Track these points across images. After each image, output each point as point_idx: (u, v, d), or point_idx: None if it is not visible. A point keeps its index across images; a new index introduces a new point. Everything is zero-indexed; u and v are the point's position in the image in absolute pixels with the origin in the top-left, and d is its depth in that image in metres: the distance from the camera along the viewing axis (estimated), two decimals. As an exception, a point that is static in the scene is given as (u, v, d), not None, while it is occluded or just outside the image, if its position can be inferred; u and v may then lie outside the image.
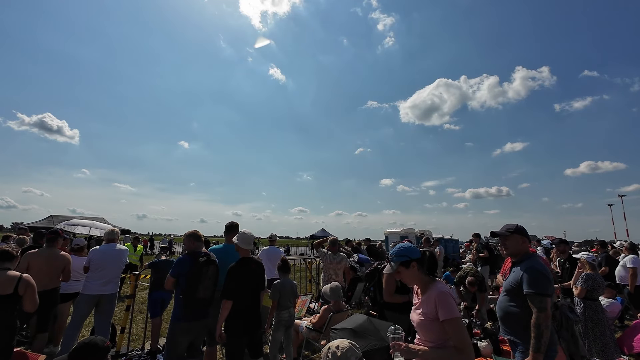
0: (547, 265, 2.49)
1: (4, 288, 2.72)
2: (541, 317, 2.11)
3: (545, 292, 2.17)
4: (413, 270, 1.88)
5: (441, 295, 1.76)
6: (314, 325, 4.03)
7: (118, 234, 4.52)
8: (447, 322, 1.70)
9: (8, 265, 2.87)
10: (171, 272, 3.15)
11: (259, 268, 3.35)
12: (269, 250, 5.83)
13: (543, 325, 2.09)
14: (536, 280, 2.19)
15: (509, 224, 2.54)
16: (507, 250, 2.51)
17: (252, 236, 3.33)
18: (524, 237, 2.46)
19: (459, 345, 1.68)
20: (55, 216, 14.11)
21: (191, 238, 3.32)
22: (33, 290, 2.87)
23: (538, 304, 2.15)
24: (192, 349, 3.23)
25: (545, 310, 2.12)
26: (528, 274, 2.23)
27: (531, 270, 2.24)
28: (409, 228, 17.53)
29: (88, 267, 4.07)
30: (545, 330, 2.09)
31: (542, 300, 2.15)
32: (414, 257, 1.88)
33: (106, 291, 4.08)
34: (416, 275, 1.89)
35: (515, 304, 2.33)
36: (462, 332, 1.70)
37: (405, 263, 1.88)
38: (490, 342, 4.59)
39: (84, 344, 1.77)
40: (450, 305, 1.72)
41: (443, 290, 1.80)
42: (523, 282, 2.24)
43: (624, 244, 7.24)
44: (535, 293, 2.17)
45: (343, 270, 5.44)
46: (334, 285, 4.23)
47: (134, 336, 4.99)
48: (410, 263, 1.88)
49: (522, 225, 2.49)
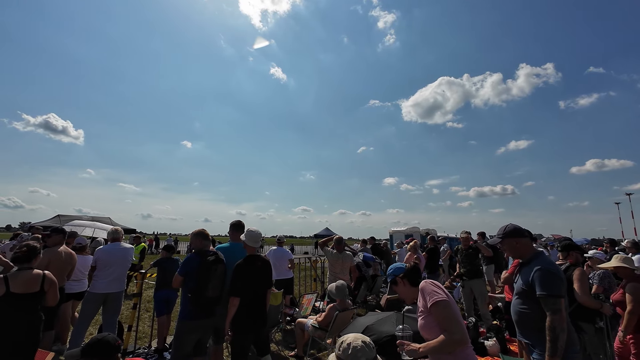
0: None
1: (32, 286, 2.80)
2: (556, 319, 2.01)
3: (558, 294, 2.07)
4: (404, 285, 2.05)
5: (422, 287, 1.89)
6: (319, 323, 4.03)
7: (122, 233, 4.56)
8: (432, 307, 1.76)
9: (31, 265, 2.93)
10: (179, 271, 3.17)
11: (266, 265, 3.34)
12: (276, 251, 5.85)
13: (558, 328, 1.99)
14: (547, 282, 2.09)
15: (500, 227, 2.44)
16: (508, 254, 2.48)
17: (260, 234, 3.33)
18: (518, 238, 2.35)
19: (449, 327, 1.70)
20: (62, 216, 14.23)
21: (199, 237, 3.32)
22: (55, 286, 3.00)
23: (552, 306, 2.05)
24: (199, 347, 3.23)
25: (560, 312, 2.03)
26: (538, 275, 2.13)
27: (541, 271, 2.13)
28: (414, 227, 17.49)
29: (95, 266, 4.11)
30: (561, 334, 1.99)
31: (556, 302, 2.05)
32: (397, 273, 2.07)
33: (113, 289, 4.11)
34: (408, 289, 2.04)
35: (527, 306, 2.24)
36: (448, 313, 1.74)
37: (393, 281, 2.07)
38: (497, 341, 4.56)
39: (97, 340, 1.79)
40: (431, 290, 1.82)
41: (423, 283, 1.92)
42: (534, 284, 2.14)
43: (627, 243, 7.13)
44: (547, 295, 2.07)
45: (349, 269, 5.44)
46: (339, 284, 4.22)
47: (141, 334, 5.03)
48: (396, 279, 2.06)
49: (512, 226, 2.38)
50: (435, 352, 1.76)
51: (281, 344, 4.76)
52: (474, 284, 5.50)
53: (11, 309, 2.68)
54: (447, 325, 1.69)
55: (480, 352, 4.44)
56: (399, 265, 2.18)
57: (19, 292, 2.70)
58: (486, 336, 4.76)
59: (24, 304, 2.75)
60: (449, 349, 1.72)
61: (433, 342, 1.75)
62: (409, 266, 2.13)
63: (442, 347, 1.71)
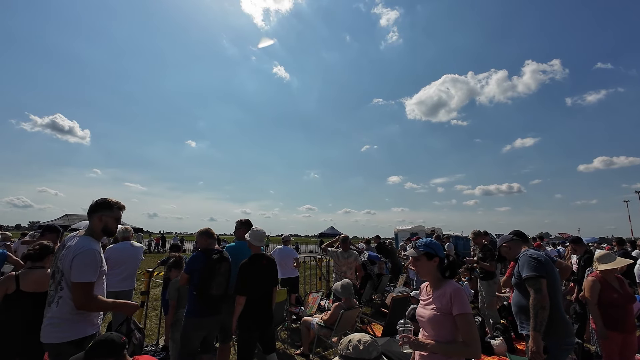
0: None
1: (43, 285, 2.71)
2: (537, 297, 2.24)
3: (538, 274, 2.31)
4: (433, 264, 1.96)
5: (457, 290, 1.85)
6: (325, 322, 4.04)
7: (132, 232, 4.60)
8: (459, 317, 1.77)
9: (43, 264, 2.89)
10: (185, 269, 3.21)
11: (271, 264, 3.36)
12: (281, 250, 5.87)
13: (538, 306, 2.22)
14: (528, 264, 2.38)
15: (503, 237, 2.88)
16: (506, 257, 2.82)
17: (264, 233, 3.34)
18: (509, 243, 2.73)
19: (468, 340, 1.75)
20: (70, 215, 14.44)
21: (204, 235, 3.36)
22: None
23: (533, 286, 2.30)
24: (206, 345, 3.26)
25: (541, 291, 2.26)
26: (521, 262, 2.47)
27: (523, 258, 2.47)
28: (419, 225, 17.40)
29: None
30: (540, 311, 2.21)
31: (537, 282, 2.29)
32: (439, 254, 1.98)
33: (124, 287, 4.17)
34: (432, 270, 1.97)
35: (523, 297, 2.47)
36: (472, 327, 1.77)
37: (428, 255, 1.96)
38: (504, 340, 4.53)
39: (101, 340, 1.77)
40: (464, 301, 1.81)
41: (457, 286, 1.89)
42: (520, 271, 2.45)
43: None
44: (529, 277, 2.34)
45: (355, 268, 5.44)
46: (345, 283, 4.22)
47: (149, 332, 5.09)
48: (433, 257, 1.96)
49: (501, 236, 2.92)
50: (444, 353, 1.78)
51: (287, 342, 4.78)
52: (484, 284, 5.46)
53: (21, 307, 2.65)
54: (468, 338, 1.75)
55: (487, 351, 4.42)
56: (440, 245, 2.04)
57: (29, 291, 2.68)
58: (492, 335, 4.73)
59: (34, 303, 2.69)
60: (459, 357, 1.78)
61: (445, 345, 1.78)
62: (452, 258, 2.08)
63: (454, 353, 1.77)
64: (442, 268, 1.97)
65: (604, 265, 3.24)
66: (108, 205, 2.29)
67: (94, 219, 2.26)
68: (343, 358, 1.51)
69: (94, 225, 2.26)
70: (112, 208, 2.30)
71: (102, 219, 2.27)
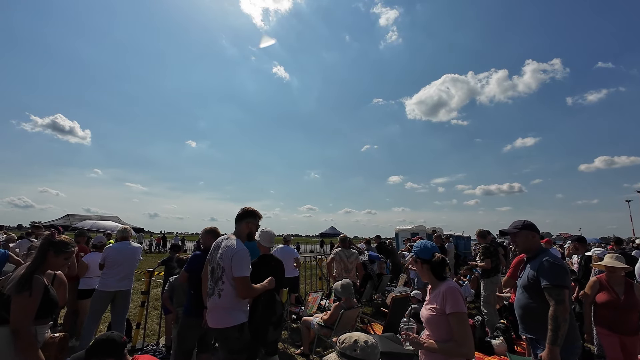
0: None
1: None
2: (559, 309, 2.05)
3: (562, 284, 2.11)
4: (426, 267, 2.04)
5: (450, 289, 1.89)
6: (325, 321, 4.04)
7: (130, 232, 4.60)
8: (452, 315, 1.82)
9: None
10: (185, 267, 3.20)
11: (279, 265, 3.34)
12: (283, 249, 5.88)
13: (561, 318, 2.04)
14: (553, 273, 2.14)
15: (516, 221, 2.53)
16: (518, 248, 2.50)
17: (274, 234, 3.33)
18: (534, 232, 2.42)
19: (460, 339, 1.79)
20: (71, 215, 14.49)
21: (209, 234, 3.33)
22: (65, 286, 3.00)
23: (555, 297, 2.09)
24: (203, 344, 3.24)
25: (563, 302, 2.06)
26: (544, 267, 2.19)
27: (547, 263, 2.19)
28: (420, 225, 17.38)
29: (103, 264, 4.17)
30: (562, 324, 2.03)
31: (560, 293, 2.09)
32: (423, 257, 2.04)
33: (122, 287, 4.16)
34: (426, 272, 2.05)
35: (532, 300, 2.28)
36: (463, 327, 1.81)
37: (415, 259, 2.07)
38: (504, 340, 4.53)
39: (101, 340, 1.78)
40: (457, 300, 1.85)
41: (452, 285, 1.93)
42: (540, 275, 2.19)
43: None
44: (552, 285, 2.11)
45: (355, 267, 5.45)
46: (345, 282, 4.23)
47: (149, 331, 5.10)
48: (417, 261, 2.06)
49: (530, 221, 2.47)
50: (439, 352, 1.83)
51: (287, 342, 4.78)
52: (484, 281, 5.46)
53: None
54: (459, 337, 1.79)
55: (487, 351, 4.42)
56: (427, 247, 2.07)
57: None
58: (493, 335, 4.73)
59: None
60: (452, 357, 1.83)
61: (439, 344, 1.84)
62: (437, 257, 2.06)
63: (447, 352, 1.82)
64: (435, 270, 2.03)
65: (599, 264, 3.45)
66: (254, 214, 2.67)
67: (241, 224, 2.60)
68: (348, 358, 1.51)
69: (241, 230, 2.60)
70: (256, 217, 2.68)
71: (249, 225, 2.62)
